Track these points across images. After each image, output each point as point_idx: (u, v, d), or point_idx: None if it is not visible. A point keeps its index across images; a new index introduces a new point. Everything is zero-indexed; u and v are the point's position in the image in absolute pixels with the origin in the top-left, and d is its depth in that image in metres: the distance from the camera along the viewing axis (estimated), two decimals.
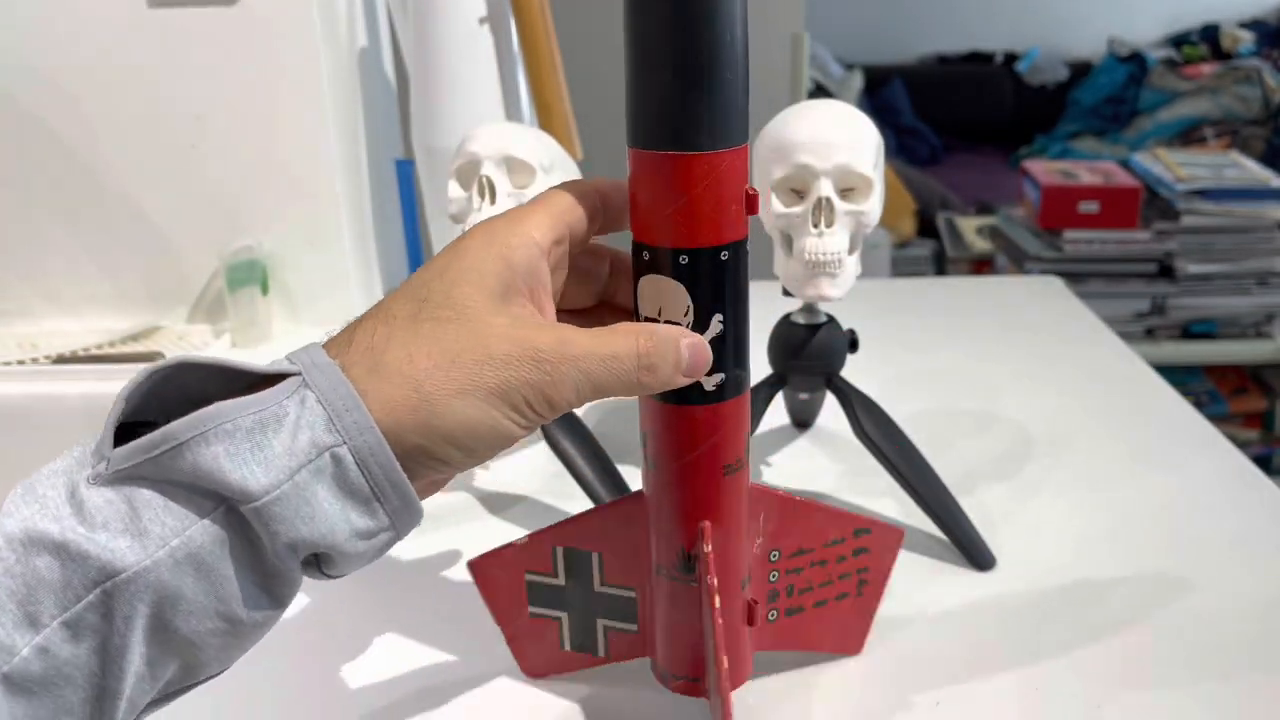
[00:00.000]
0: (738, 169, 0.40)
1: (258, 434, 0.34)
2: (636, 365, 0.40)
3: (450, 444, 0.37)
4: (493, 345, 0.37)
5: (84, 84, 0.99)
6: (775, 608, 0.52)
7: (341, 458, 0.35)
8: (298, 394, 0.35)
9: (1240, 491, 0.73)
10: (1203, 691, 0.54)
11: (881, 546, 0.54)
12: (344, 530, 0.35)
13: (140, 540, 0.33)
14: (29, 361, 1.00)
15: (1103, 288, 2.09)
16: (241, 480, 0.33)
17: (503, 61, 0.98)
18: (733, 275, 0.41)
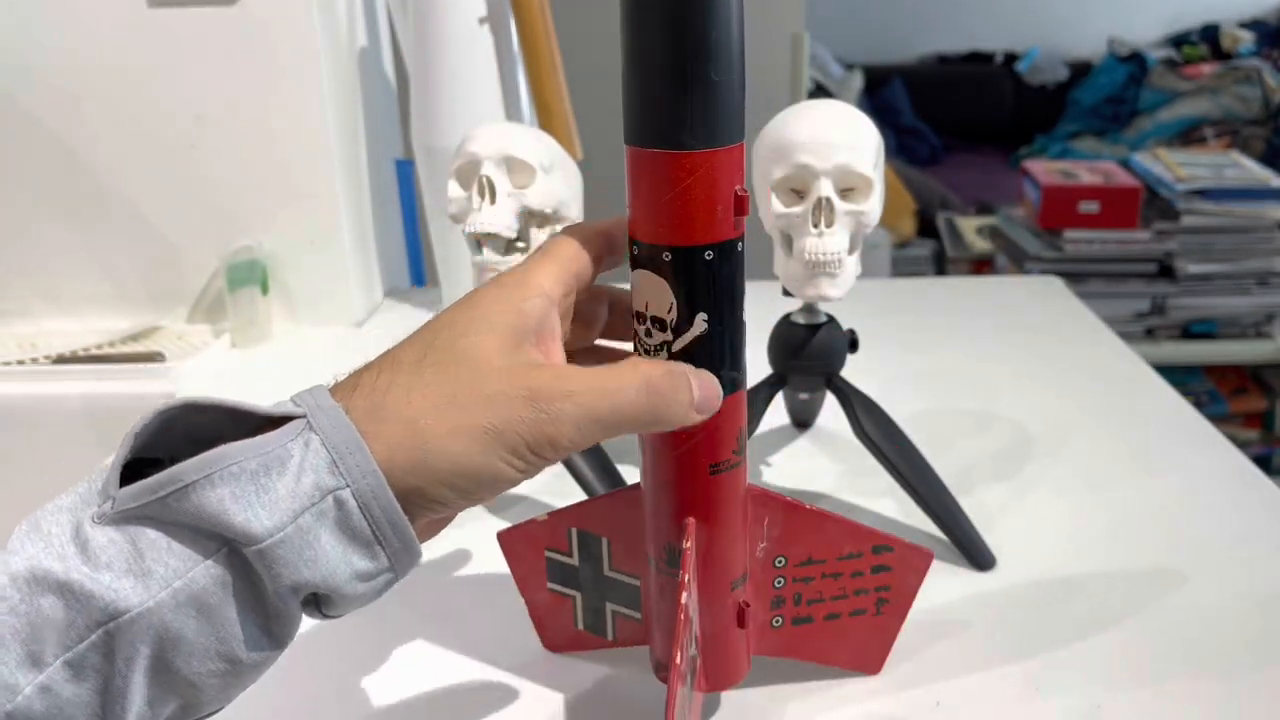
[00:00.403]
0: (726, 169, 0.40)
1: (262, 476, 0.34)
2: (646, 393, 0.39)
3: (445, 485, 0.37)
4: (489, 385, 0.37)
5: (84, 84, 0.99)
6: (781, 614, 0.51)
7: (344, 501, 0.35)
8: (302, 436, 0.35)
9: (1240, 491, 0.73)
10: (1203, 691, 0.54)
11: (905, 567, 0.52)
12: (345, 572, 0.36)
13: (143, 581, 0.33)
14: (29, 361, 1.00)
15: (1103, 288, 2.09)
16: (245, 523, 0.34)
17: (503, 61, 0.98)
18: (720, 276, 0.41)
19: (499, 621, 0.62)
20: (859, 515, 0.71)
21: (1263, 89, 3.03)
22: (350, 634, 0.61)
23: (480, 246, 0.67)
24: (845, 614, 0.52)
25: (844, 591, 0.52)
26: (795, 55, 1.92)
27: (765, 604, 0.51)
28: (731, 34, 0.38)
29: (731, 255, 0.41)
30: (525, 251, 0.68)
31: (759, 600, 0.50)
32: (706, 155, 0.39)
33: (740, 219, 0.41)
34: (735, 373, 0.43)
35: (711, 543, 0.46)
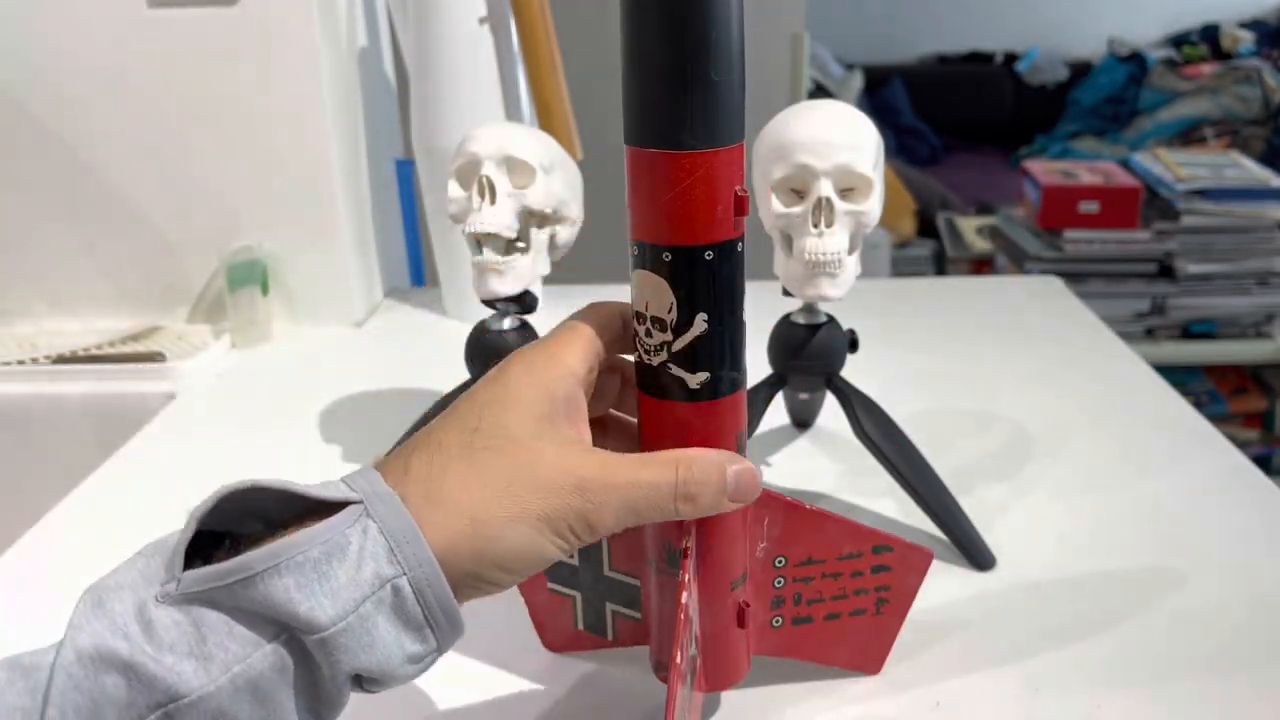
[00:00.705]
0: (725, 169, 0.40)
1: (324, 565, 0.35)
2: (674, 495, 0.41)
3: (499, 568, 0.39)
4: (541, 473, 0.39)
5: (84, 84, 0.99)
6: (781, 614, 0.51)
7: (401, 588, 0.36)
8: (359, 523, 0.37)
9: (1239, 491, 0.73)
10: (1203, 691, 0.54)
11: (905, 567, 0.52)
12: (398, 656, 0.37)
13: (205, 665, 0.34)
14: (29, 361, 1.00)
15: (1103, 288, 2.09)
16: (310, 612, 0.35)
17: (503, 61, 0.99)
18: (719, 276, 0.41)
19: (498, 621, 0.62)
20: (859, 515, 0.71)
21: (1263, 89, 3.03)
22: None
23: (480, 246, 0.67)
24: (845, 614, 0.52)
25: (844, 591, 0.51)
26: (795, 55, 1.92)
27: (765, 604, 0.51)
28: (731, 34, 0.38)
29: (731, 255, 0.41)
30: (525, 252, 0.68)
31: (759, 600, 0.50)
32: (706, 156, 0.39)
33: (740, 219, 0.41)
34: (735, 373, 0.43)
35: (711, 542, 0.46)
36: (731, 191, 0.40)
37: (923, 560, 0.52)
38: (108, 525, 0.73)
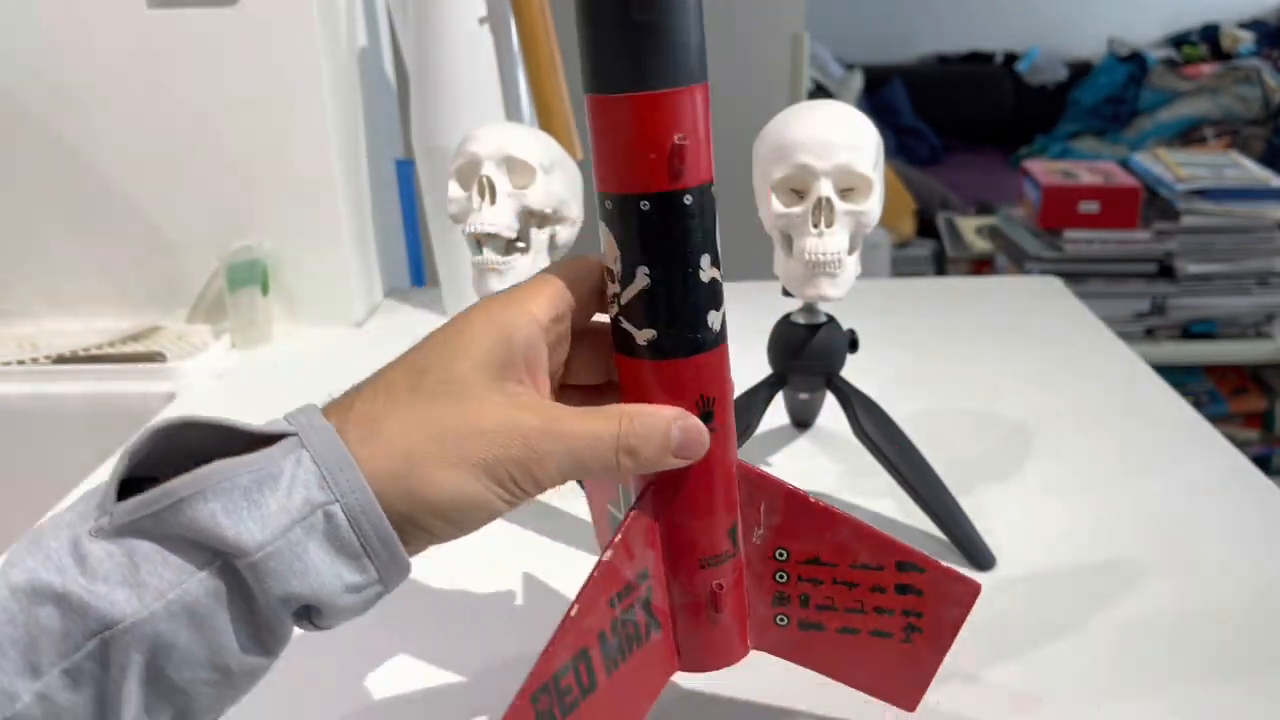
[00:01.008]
0: (656, 115, 0.38)
1: (254, 492, 0.35)
2: (615, 447, 0.40)
3: (435, 515, 0.38)
4: (482, 420, 0.38)
5: (84, 84, 0.99)
6: (786, 614, 0.48)
7: (333, 515, 0.36)
8: (294, 454, 0.37)
9: (1239, 491, 0.73)
10: (1203, 690, 0.54)
11: (941, 595, 0.46)
12: (335, 585, 0.37)
13: (138, 592, 0.34)
14: (29, 361, 1.00)
15: (1103, 288, 2.09)
16: (237, 536, 0.35)
17: (503, 61, 0.99)
18: (659, 229, 0.39)
19: (497, 621, 0.62)
20: (859, 515, 0.71)
21: (1262, 89, 3.03)
22: (348, 634, 0.61)
23: (480, 246, 0.67)
24: (864, 631, 0.48)
25: (860, 605, 0.47)
26: (795, 55, 1.92)
27: (766, 597, 0.48)
28: None
29: (674, 209, 0.39)
30: (525, 252, 0.68)
31: (759, 591, 0.48)
32: (631, 100, 0.38)
33: (680, 171, 0.39)
34: (693, 334, 0.41)
35: (672, 510, 0.44)
36: (668, 140, 0.38)
37: (966, 592, 0.46)
38: None
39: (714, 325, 0.42)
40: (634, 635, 0.45)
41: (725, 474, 0.44)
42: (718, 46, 1.51)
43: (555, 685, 0.41)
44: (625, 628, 0.44)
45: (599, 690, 0.43)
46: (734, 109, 1.93)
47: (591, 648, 0.43)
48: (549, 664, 0.41)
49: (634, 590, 0.44)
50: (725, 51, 1.99)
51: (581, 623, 0.42)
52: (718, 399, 0.43)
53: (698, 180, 0.39)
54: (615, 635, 0.44)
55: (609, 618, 0.43)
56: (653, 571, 0.45)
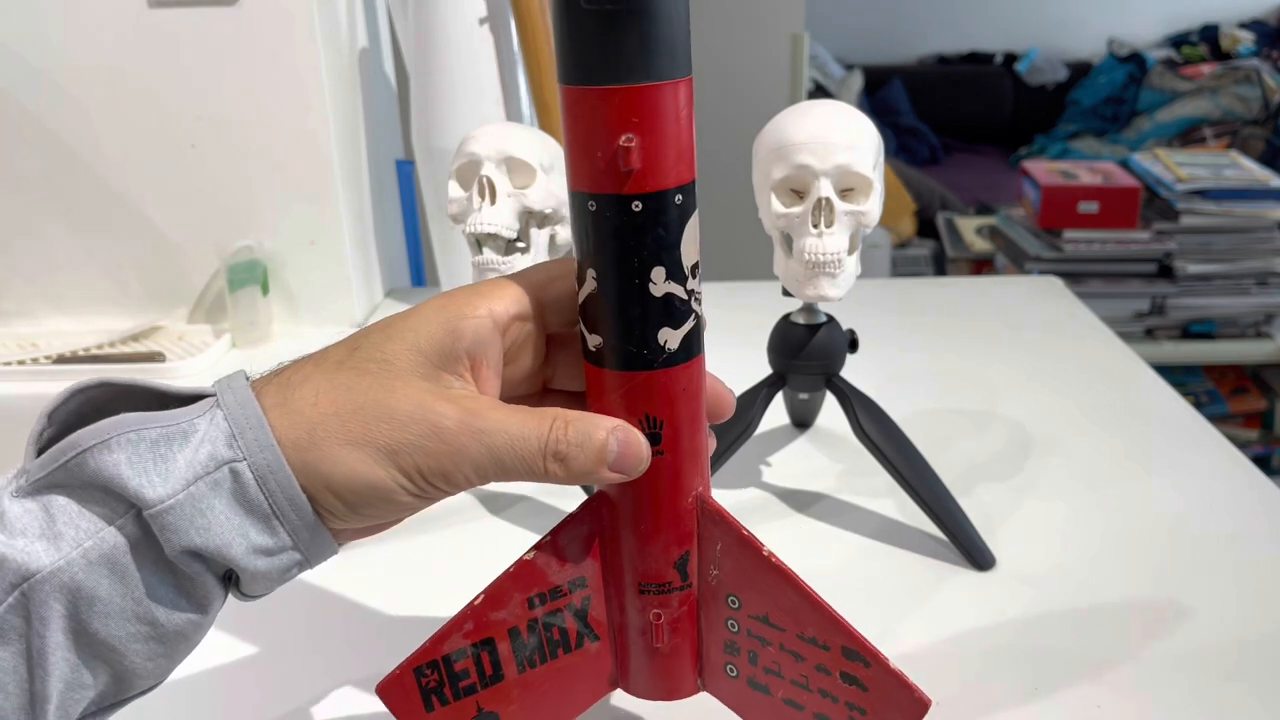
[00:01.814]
0: (602, 113, 0.35)
1: (162, 446, 0.35)
2: (542, 450, 0.38)
3: (331, 492, 0.37)
4: (397, 403, 0.37)
5: (84, 84, 0.99)
6: (735, 665, 0.44)
7: (240, 473, 0.36)
8: (209, 413, 0.36)
9: (1240, 491, 0.73)
10: (1202, 690, 0.54)
11: (886, 699, 0.41)
12: (241, 545, 0.36)
13: (55, 543, 0.34)
14: (29, 361, 1.00)
15: (1102, 288, 2.09)
16: (139, 488, 0.35)
17: (503, 61, 0.99)
18: (606, 234, 0.37)
19: None
20: (859, 515, 0.71)
21: (1262, 89, 3.03)
22: (342, 631, 0.61)
23: (480, 246, 0.67)
24: (809, 710, 0.43)
25: (804, 681, 0.42)
26: (795, 55, 1.92)
27: (719, 642, 0.44)
28: None
29: (621, 214, 0.36)
30: (525, 252, 0.68)
31: (712, 632, 0.44)
32: (582, 92, 0.35)
33: (626, 176, 0.36)
34: (637, 349, 0.38)
35: (615, 529, 0.42)
36: (614, 141, 0.35)
37: (912, 705, 0.40)
38: None
39: (665, 343, 0.38)
40: (560, 640, 0.43)
41: (675, 503, 0.41)
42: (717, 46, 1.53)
43: (447, 666, 0.41)
44: (548, 631, 0.43)
45: (507, 683, 0.42)
46: (734, 109, 1.94)
47: (499, 641, 0.41)
48: (439, 645, 0.40)
49: (563, 595, 0.42)
50: (725, 51, 1.99)
51: (486, 613, 0.41)
52: (667, 422, 0.40)
53: (653, 186, 0.36)
54: (534, 636, 0.42)
55: (526, 617, 0.42)
56: (591, 582, 0.43)
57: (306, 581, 0.64)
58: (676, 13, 0.35)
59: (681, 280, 0.38)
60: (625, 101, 0.35)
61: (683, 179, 0.37)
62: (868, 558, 0.67)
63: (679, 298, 0.38)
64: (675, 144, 0.36)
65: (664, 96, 0.35)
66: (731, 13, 1.91)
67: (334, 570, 0.66)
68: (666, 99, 0.35)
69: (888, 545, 0.68)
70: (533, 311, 0.40)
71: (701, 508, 0.42)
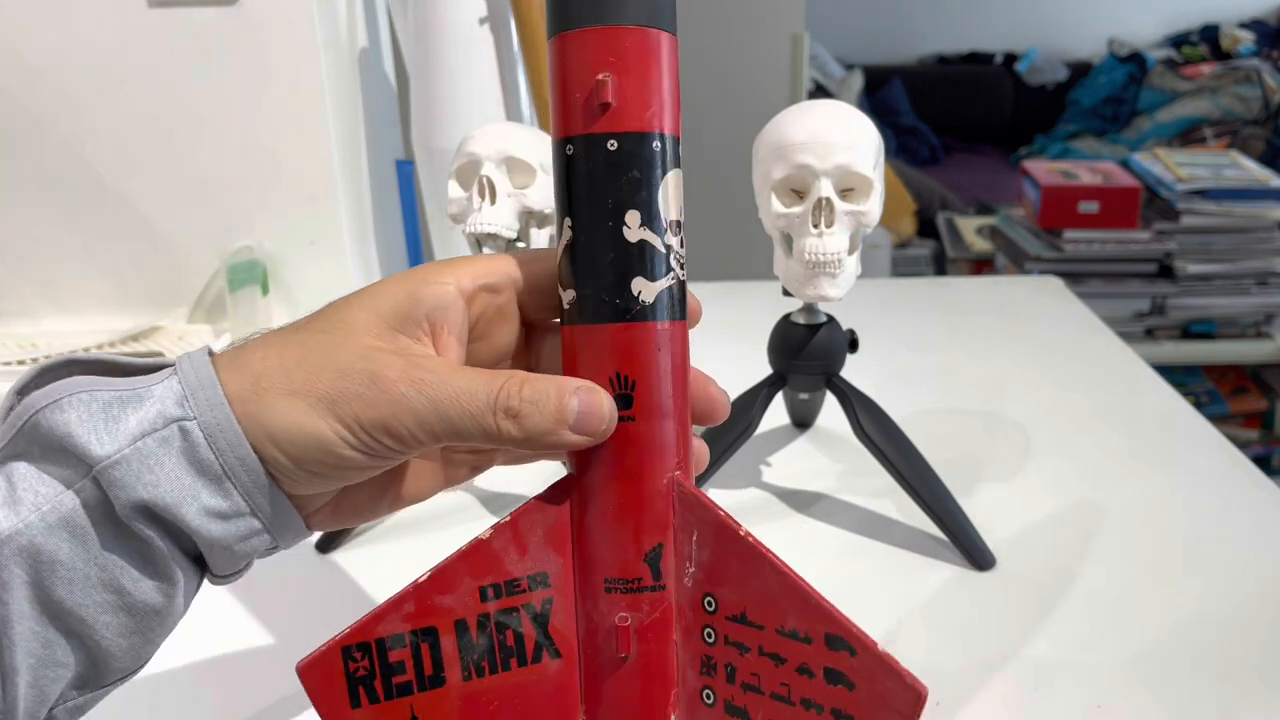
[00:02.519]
0: (582, 53, 0.36)
1: (115, 408, 0.35)
2: (490, 406, 0.36)
3: (273, 444, 0.36)
4: (339, 355, 0.36)
5: (84, 84, 0.99)
6: (712, 688, 0.38)
7: (189, 430, 0.35)
8: (166, 382, 0.36)
9: (1240, 491, 0.74)
10: (1203, 691, 0.54)
11: (876, 694, 0.34)
12: (194, 505, 0.36)
13: (14, 509, 0.34)
14: (29, 361, 1.00)
15: (1103, 288, 2.09)
16: (87, 445, 0.35)
17: (503, 61, 0.99)
18: (579, 176, 0.37)
19: None
20: (859, 515, 0.72)
21: (1262, 89, 3.03)
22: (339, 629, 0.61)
23: (480, 246, 0.67)
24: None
25: (786, 692, 0.36)
26: (795, 55, 1.92)
27: (695, 660, 0.38)
28: None
29: (596, 154, 0.36)
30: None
31: (688, 651, 0.39)
32: (565, 38, 0.36)
33: (601, 112, 0.36)
34: (610, 299, 0.37)
35: (581, 510, 0.38)
36: (589, 80, 0.36)
37: (907, 699, 0.34)
38: None
39: (640, 294, 0.37)
40: (514, 648, 0.38)
41: (645, 480, 0.38)
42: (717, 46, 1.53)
43: (380, 652, 0.37)
44: (501, 633, 0.38)
45: (447, 689, 0.37)
46: (734, 109, 1.94)
47: (444, 633, 0.37)
48: (374, 624, 0.37)
49: (520, 591, 0.38)
50: (725, 51, 1.99)
51: (430, 595, 0.37)
52: (639, 381, 0.37)
53: (629, 126, 0.36)
54: (484, 635, 0.37)
55: (476, 609, 0.37)
56: (555, 582, 0.38)
57: (300, 582, 0.64)
58: None
59: (659, 231, 0.37)
60: (603, 40, 0.36)
61: (663, 128, 0.37)
62: (867, 558, 0.67)
63: (654, 247, 0.37)
64: (655, 90, 0.37)
65: (644, 40, 0.36)
66: (731, 13, 1.91)
67: (330, 571, 0.66)
68: (647, 43, 0.36)
69: (887, 545, 0.68)
70: (506, 285, 0.40)
71: (679, 493, 0.38)
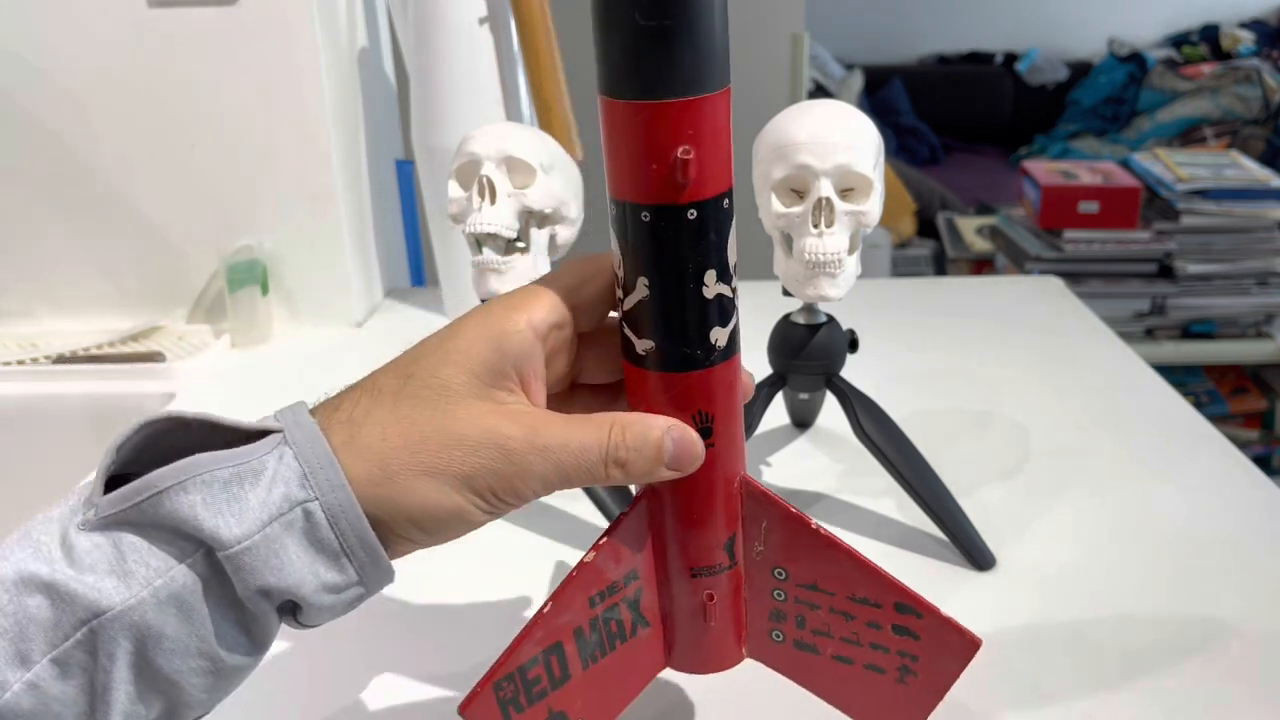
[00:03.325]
0: (660, 126, 0.36)
1: (234, 486, 0.36)
2: (604, 459, 0.39)
3: (411, 523, 0.38)
4: (463, 429, 0.38)
5: (84, 84, 0.99)
6: (781, 630, 0.47)
7: (312, 513, 0.36)
8: (277, 450, 0.37)
9: (1240, 491, 0.73)
10: (1203, 691, 0.54)
11: (938, 644, 0.44)
12: (312, 583, 0.37)
13: (125, 581, 0.35)
14: (29, 361, 1.00)
15: (1103, 288, 2.09)
16: (215, 529, 0.35)
17: (503, 61, 0.98)
18: (660, 241, 0.38)
19: (495, 622, 0.62)
20: (859, 515, 0.71)
21: (1262, 89, 3.03)
22: (343, 632, 0.61)
23: (480, 246, 0.67)
24: (859, 663, 0.46)
25: (856, 638, 0.46)
26: (795, 55, 1.92)
27: (764, 611, 0.47)
28: None
29: (675, 222, 0.38)
30: (525, 252, 0.68)
31: (756, 602, 0.47)
32: (634, 107, 0.36)
33: (683, 185, 0.37)
34: (691, 349, 0.40)
35: (669, 521, 0.44)
36: (672, 152, 0.36)
37: (964, 646, 0.44)
38: None
39: (717, 341, 0.40)
40: (617, 633, 0.45)
41: (725, 489, 0.44)
42: None
43: (522, 676, 0.42)
44: (607, 625, 0.44)
45: (573, 681, 0.43)
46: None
47: (566, 643, 0.43)
48: (515, 657, 0.41)
49: (618, 590, 0.44)
50: None
51: (555, 620, 0.42)
52: (717, 416, 0.42)
53: (706, 193, 0.38)
54: (595, 632, 0.44)
55: (588, 616, 0.43)
56: (643, 573, 0.45)
57: None
58: (722, 26, 0.36)
59: (728, 280, 0.40)
60: (682, 114, 0.36)
61: (728, 184, 0.38)
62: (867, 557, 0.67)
63: (727, 297, 0.40)
64: (726, 151, 0.38)
65: (716, 107, 0.37)
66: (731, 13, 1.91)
67: None
68: (719, 109, 0.37)
69: (887, 545, 0.68)
70: (568, 320, 0.41)
71: (746, 489, 0.44)
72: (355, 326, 1.08)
